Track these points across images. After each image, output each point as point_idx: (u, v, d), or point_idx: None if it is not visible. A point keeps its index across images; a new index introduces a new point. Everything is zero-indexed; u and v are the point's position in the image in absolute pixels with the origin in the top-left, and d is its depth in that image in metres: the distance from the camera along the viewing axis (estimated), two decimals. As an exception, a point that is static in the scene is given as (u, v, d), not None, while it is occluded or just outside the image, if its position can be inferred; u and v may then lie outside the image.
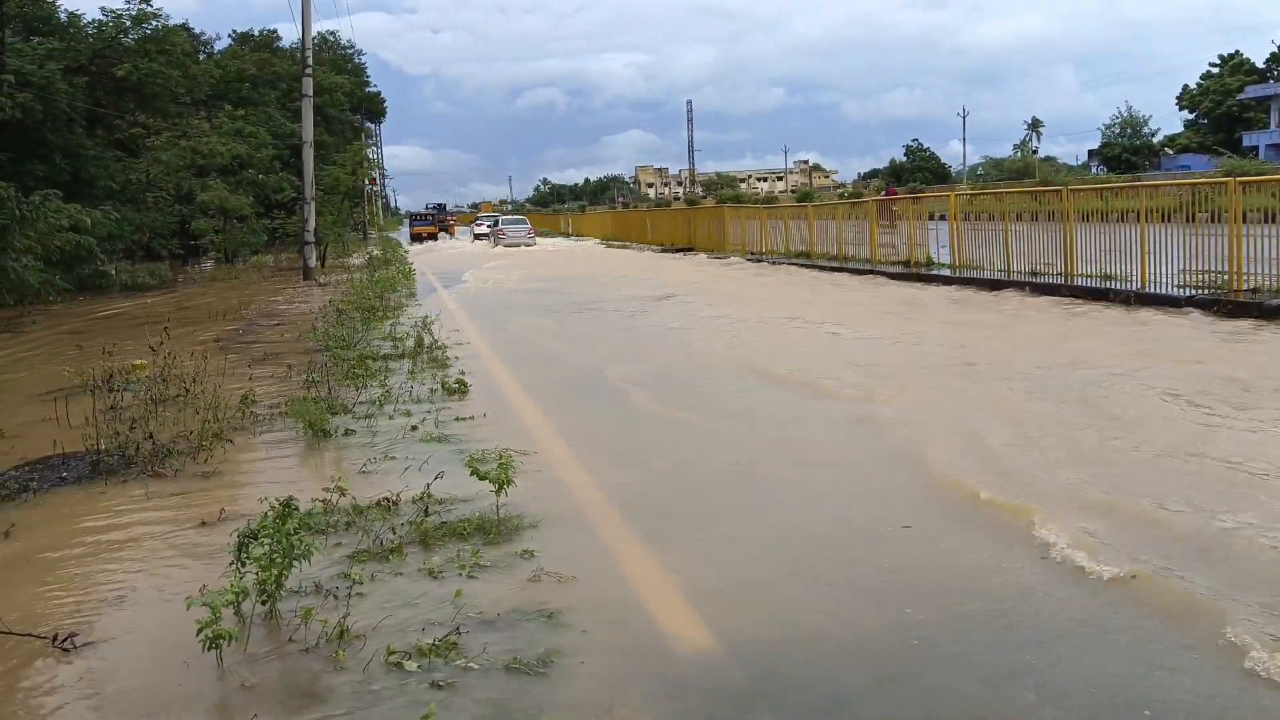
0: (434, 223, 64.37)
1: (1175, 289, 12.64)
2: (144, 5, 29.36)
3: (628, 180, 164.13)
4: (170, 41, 30.38)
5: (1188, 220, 12.93)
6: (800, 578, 4.23)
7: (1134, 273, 13.36)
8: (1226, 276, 12.05)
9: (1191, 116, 78.25)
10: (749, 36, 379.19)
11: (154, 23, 29.94)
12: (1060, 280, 14.66)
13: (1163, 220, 13.32)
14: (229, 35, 53.97)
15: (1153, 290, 12.85)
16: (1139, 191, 14.14)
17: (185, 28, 38.38)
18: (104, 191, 26.93)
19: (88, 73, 28.29)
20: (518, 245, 42.02)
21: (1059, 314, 12.58)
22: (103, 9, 30.23)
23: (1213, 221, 12.69)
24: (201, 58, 41.48)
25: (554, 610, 3.90)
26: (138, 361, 9.74)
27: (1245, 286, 11.82)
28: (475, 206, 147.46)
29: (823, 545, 4.63)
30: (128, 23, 29.62)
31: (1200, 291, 12.21)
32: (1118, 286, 13.38)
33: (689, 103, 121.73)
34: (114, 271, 26.66)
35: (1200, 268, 12.55)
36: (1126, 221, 13.93)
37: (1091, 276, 14.25)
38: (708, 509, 5.31)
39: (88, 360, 9.69)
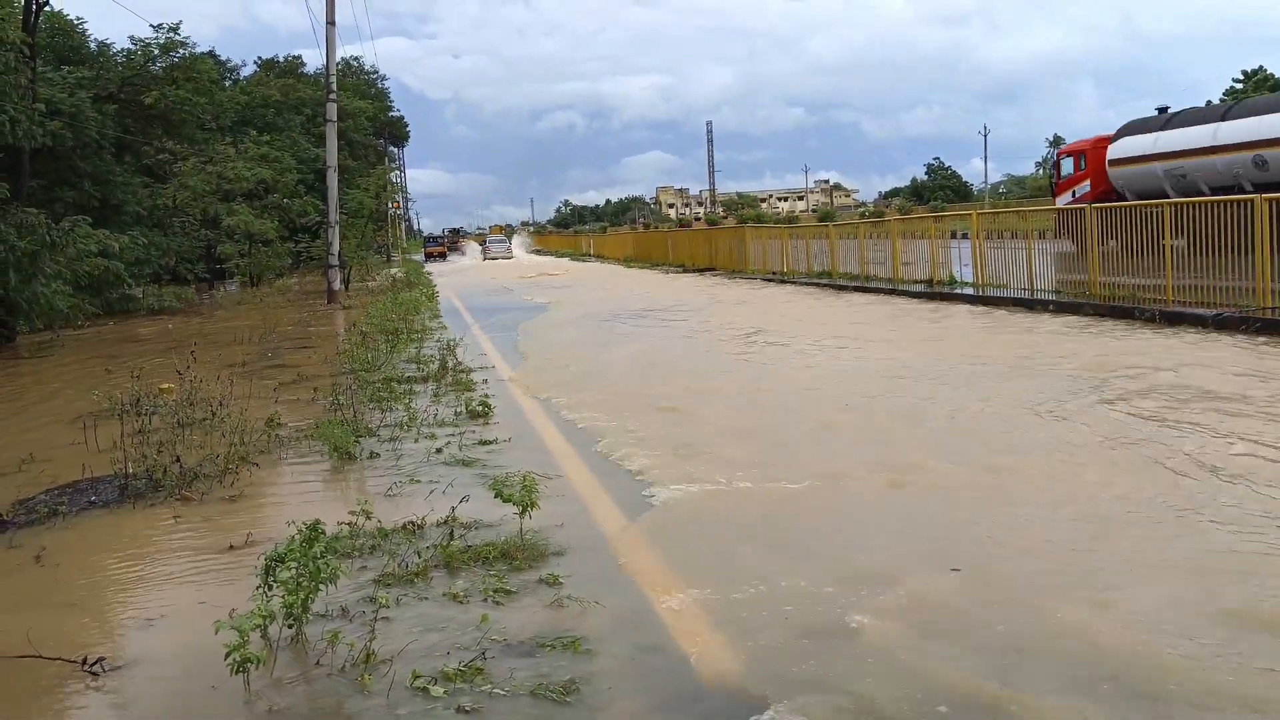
0: (444, 244, 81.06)
1: (1201, 307, 12.51)
2: (171, 34, 29.99)
3: (648, 201, 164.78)
4: (197, 69, 30.95)
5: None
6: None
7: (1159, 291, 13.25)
8: (1255, 295, 11.92)
9: (1215, 132, 77.68)
10: (766, 56, 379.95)
11: (181, 51, 30.56)
12: (1084, 299, 14.56)
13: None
14: (254, 62, 55.03)
15: (1178, 309, 12.72)
16: (1164, 209, 14.04)
17: (211, 55, 39.17)
18: (132, 216, 27.40)
19: (116, 100, 28.85)
20: (499, 257, 62.73)
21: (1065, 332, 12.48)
22: (131, 38, 31.04)
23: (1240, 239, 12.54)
24: (227, 84, 42.26)
25: (579, 636, 3.88)
26: (165, 385, 9.84)
27: (1274, 304, 11.68)
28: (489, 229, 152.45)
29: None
30: (155, 51, 30.24)
31: (1227, 309, 12.08)
32: (1143, 305, 13.26)
33: (709, 123, 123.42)
34: (141, 295, 27.02)
35: (1227, 286, 12.41)
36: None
37: (1116, 295, 14.14)
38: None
39: (115, 384, 9.80)
